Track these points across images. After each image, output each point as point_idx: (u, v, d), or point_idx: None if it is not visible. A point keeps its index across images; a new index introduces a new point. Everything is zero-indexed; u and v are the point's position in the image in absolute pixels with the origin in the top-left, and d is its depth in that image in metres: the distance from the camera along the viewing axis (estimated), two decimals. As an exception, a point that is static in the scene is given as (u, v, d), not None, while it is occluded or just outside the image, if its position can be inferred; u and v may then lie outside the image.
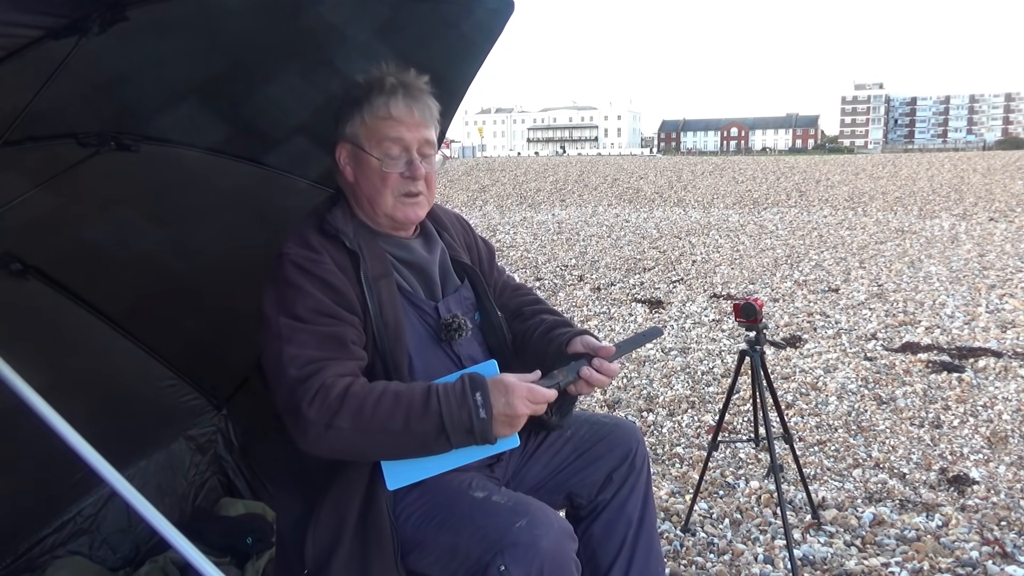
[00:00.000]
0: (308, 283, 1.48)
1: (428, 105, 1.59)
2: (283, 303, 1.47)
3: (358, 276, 1.54)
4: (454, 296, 1.70)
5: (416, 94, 1.57)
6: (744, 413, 4.21)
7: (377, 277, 1.56)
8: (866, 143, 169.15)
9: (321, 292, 1.48)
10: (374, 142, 1.56)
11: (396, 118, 1.55)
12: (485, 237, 1.95)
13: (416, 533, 1.52)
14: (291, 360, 1.42)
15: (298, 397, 1.39)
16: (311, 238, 1.55)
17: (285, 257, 1.52)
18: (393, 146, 1.57)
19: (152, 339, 2.55)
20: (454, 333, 1.62)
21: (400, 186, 1.59)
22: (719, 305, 7.11)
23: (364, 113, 1.56)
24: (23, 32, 1.28)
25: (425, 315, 1.63)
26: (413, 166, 1.58)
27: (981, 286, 7.55)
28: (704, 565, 2.69)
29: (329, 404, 1.38)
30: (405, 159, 1.58)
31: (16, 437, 1.87)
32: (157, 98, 1.78)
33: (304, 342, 1.43)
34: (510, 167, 35.82)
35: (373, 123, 1.56)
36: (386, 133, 1.56)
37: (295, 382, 1.40)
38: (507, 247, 11.51)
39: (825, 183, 24.06)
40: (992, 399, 4.35)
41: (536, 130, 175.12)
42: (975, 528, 2.87)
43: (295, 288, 1.48)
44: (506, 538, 1.39)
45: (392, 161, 1.57)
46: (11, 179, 1.80)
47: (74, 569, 2.37)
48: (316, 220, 1.59)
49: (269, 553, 2.53)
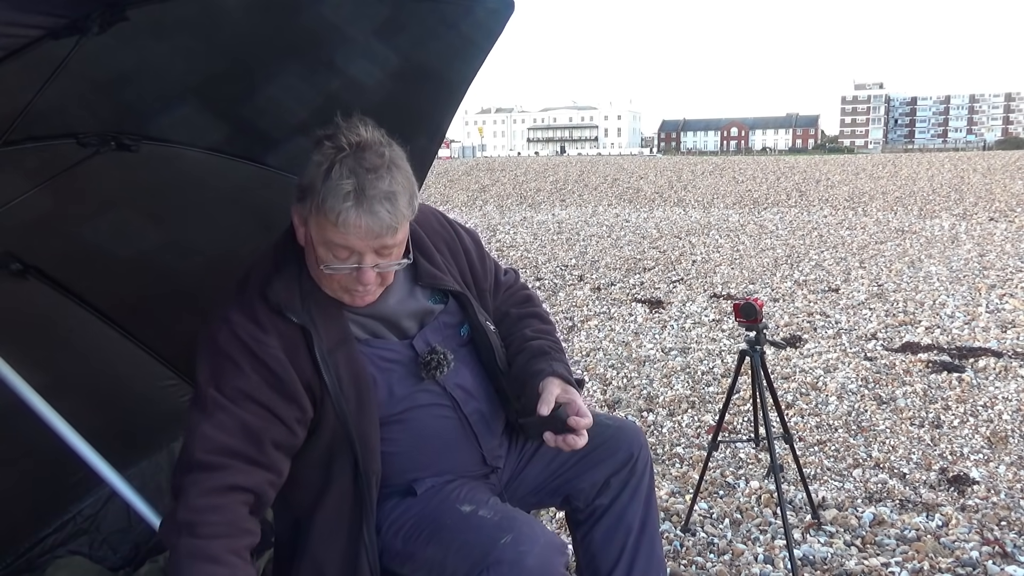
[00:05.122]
0: (247, 362, 1.38)
1: (388, 216, 1.33)
2: (216, 374, 1.38)
3: (311, 353, 1.42)
4: (432, 326, 1.59)
5: (377, 207, 1.32)
6: (744, 413, 4.21)
7: (333, 349, 1.45)
8: (866, 143, 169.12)
9: (259, 376, 1.39)
10: (320, 240, 1.37)
11: (344, 230, 1.33)
12: (472, 229, 1.81)
13: (405, 546, 1.51)
14: (203, 439, 1.34)
15: (187, 483, 1.33)
16: (258, 311, 1.42)
17: (229, 326, 1.40)
18: (342, 251, 1.37)
19: (152, 339, 2.55)
20: (434, 371, 1.54)
21: (346, 282, 1.42)
22: (719, 305, 7.11)
23: (315, 203, 1.34)
24: (23, 32, 1.28)
25: (401, 355, 1.54)
26: (361, 272, 1.39)
27: (981, 286, 7.55)
28: (704, 565, 2.69)
29: (185, 517, 1.32)
30: (354, 262, 1.38)
31: (16, 437, 1.88)
32: (157, 98, 1.78)
33: (223, 424, 1.35)
34: (510, 167, 35.82)
35: (322, 220, 1.34)
36: (333, 237, 1.35)
37: (194, 465, 1.33)
38: (507, 247, 11.51)
39: (825, 183, 24.06)
40: (992, 399, 4.35)
41: (536, 130, 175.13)
42: (975, 528, 2.87)
43: (232, 363, 1.39)
44: (491, 555, 1.36)
45: (338, 263, 1.38)
46: (11, 179, 1.80)
47: (74, 569, 2.37)
48: (261, 286, 1.45)
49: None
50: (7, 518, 2.25)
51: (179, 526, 1.33)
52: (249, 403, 1.37)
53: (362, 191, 1.32)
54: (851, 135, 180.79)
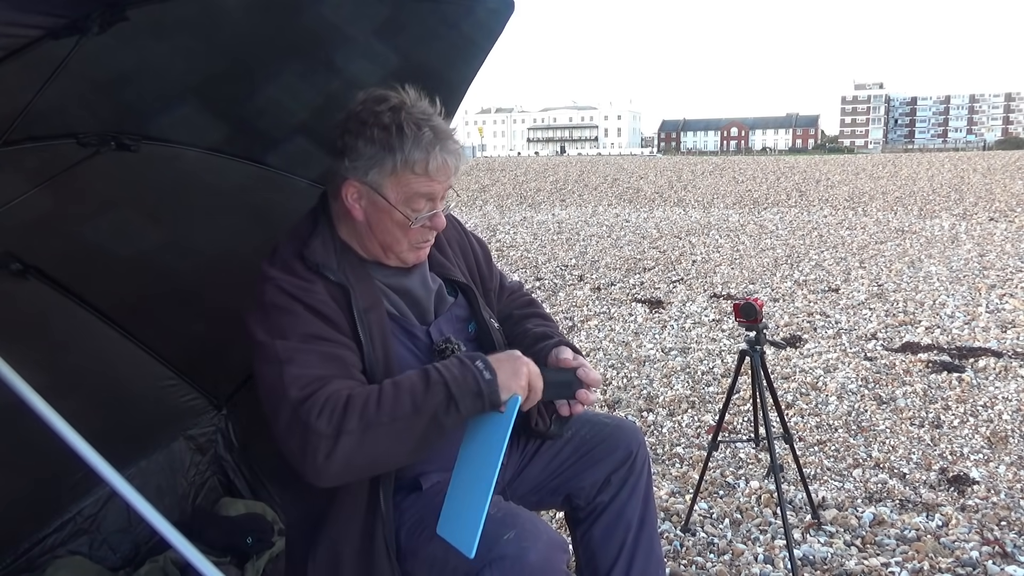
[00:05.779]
0: (301, 309, 1.43)
1: (460, 151, 1.51)
2: (277, 328, 1.41)
3: (350, 308, 1.48)
4: (445, 316, 1.65)
5: (452, 145, 1.48)
6: (744, 413, 4.21)
7: (368, 309, 1.50)
8: (866, 143, 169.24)
9: (317, 318, 1.43)
10: (402, 197, 1.47)
11: (432, 175, 1.46)
12: (482, 238, 1.90)
13: (409, 541, 1.52)
14: (293, 381, 1.36)
15: (305, 413, 1.32)
16: (297, 268, 1.48)
17: (272, 282, 1.45)
18: (421, 201, 1.49)
19: (152, 339, 2.55)
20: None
21: (419, 236, 1.54)
22: (719, 305, 7.11)
23: (396, 164, 1.44)
24: (23, 32, 1.28)
25: (417, 340, 1.59)
26: (436, 218, 1.53)
27: (981, 286, 7.55)
28: (704, 565, 2.69)
29: (336, 412, 1.33)
30: (429, 210, 1.51)
31: (16, 437, 1.88)
32: (157, 98, 1.78)
33: (306, 362, 1.38)
34: (510, 167, 35.83)
35: (405, 178, 1.46)
36: (417, 189, 1.47)
37: (298, 402, 1.34)
38: (507, 247, 11.51)
39: (825, 183, 24.06)
40: (992, 399, 4.35)
41: (536, 130, 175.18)
42: (975, 528, 2.87)
43: (288, 313, 1.42)
44: (493, 550, 1.37)
45: (419, 217, 1.50)
46: (11, 179, 1.80)
47: (74, 569, 2.37)
48: (298, 247, 1.51)
49: (269, 553, 2.53)
50: (7, 518, 2.25)
51: (330, 434, 1.31)
52: (318, 342, 1.41)
53: (438, 135, 1.45)
54: (851, 135, 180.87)
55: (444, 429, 1.37)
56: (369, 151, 1.45)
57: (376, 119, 1.44)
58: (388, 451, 1.36)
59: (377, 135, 1.43)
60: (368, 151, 1.45)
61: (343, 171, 1.48)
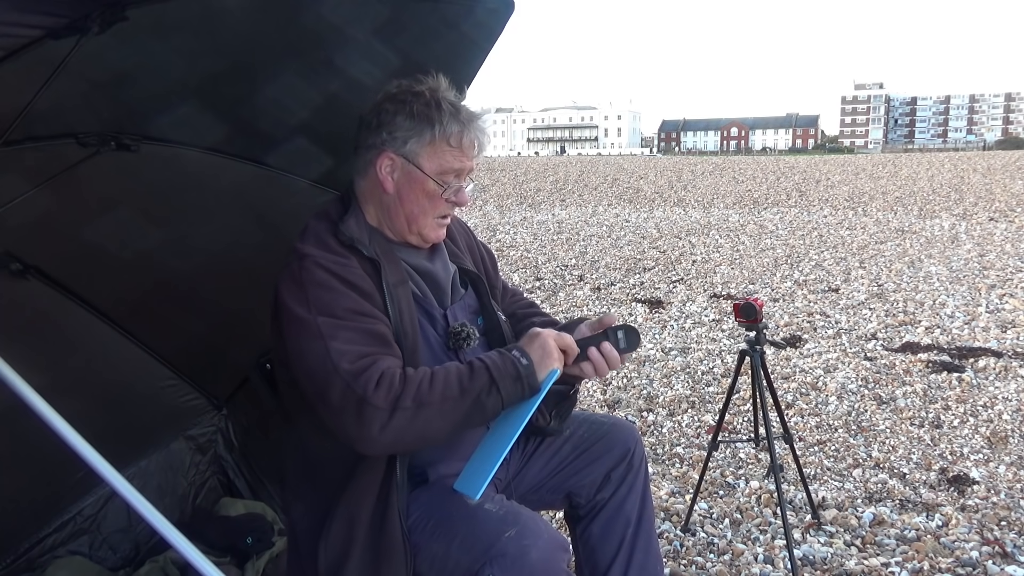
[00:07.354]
0: (341, 284, 1.47)
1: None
2: (318, 303, 1.44)
3: (380, 283, 1.52)
4: (460, 304, 1.70)
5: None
6: (744, 413, 4.21)
7: (396, 284, 1.55)
8: (866, 143, 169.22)
9: (356, 293, 1.47)
10: (435, 166, 1.56)
11: (464, 149, 1.57)
12: (484, 241, 1.95)
13: (411, 537, 1.52)
14: (341, 355, 1.39)
15: (361, 386, 1.36)
16: (331, 244, 1.53)
17: (310, 259, 1.48)
18: (451, 174, 1.57)
19: (152, 339, 2.55)
20: (463, 342, 1.62)
21: (443, 209, 1.61)
22: (719, 305, 7.11)
23: (435, 135, 1.54)
24: (23, 32, 1.28)
25: (435, 322, 1.63)
26: (461, 194, 1.61)
27: (981, 286, 7.55)
28: (704, 565, 2.69)
29: (394, 388, 1.37)
30: (456, 186, 1.59)
31: (16, 437, 1.88)
32: (157, 98, 1.78)
33: (350, 338, 1.42)
34: (510, 167, 35.84)
35: (441, 149, 1.55)
36: (450, 162, 1.56)
37: (351, 375, 1.37)
38: (507, 247, 11.51)
39: (825, 183, 24.07)
40: (992, 399, 4.35)
41: (536, 130, 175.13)
42: (975, 528, 2.87)
43: (328, 289, 1.46)
44: (495, 548, 1.39)
45: (449, 189, 1.58)
46: (11, 179, 1.80)
47: (74, 569, 2.37)
48: (330, 226, 1.56)
49: (269, 553, 2.53)
50: (7, 518, 2.25)
51: (387, 409, 1.36)
52: (358, 317, 1.45)
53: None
54: (851, 135, 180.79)
55: (486, 412, 1.43)
56: (408, 124, 1.54)
57: (416, 97, 1.54)
58: (435, 429, 1.42)
59: (418, 109, 1.53)
60: (407, 124, 1.54)
61: (379, 144, 1.56)
